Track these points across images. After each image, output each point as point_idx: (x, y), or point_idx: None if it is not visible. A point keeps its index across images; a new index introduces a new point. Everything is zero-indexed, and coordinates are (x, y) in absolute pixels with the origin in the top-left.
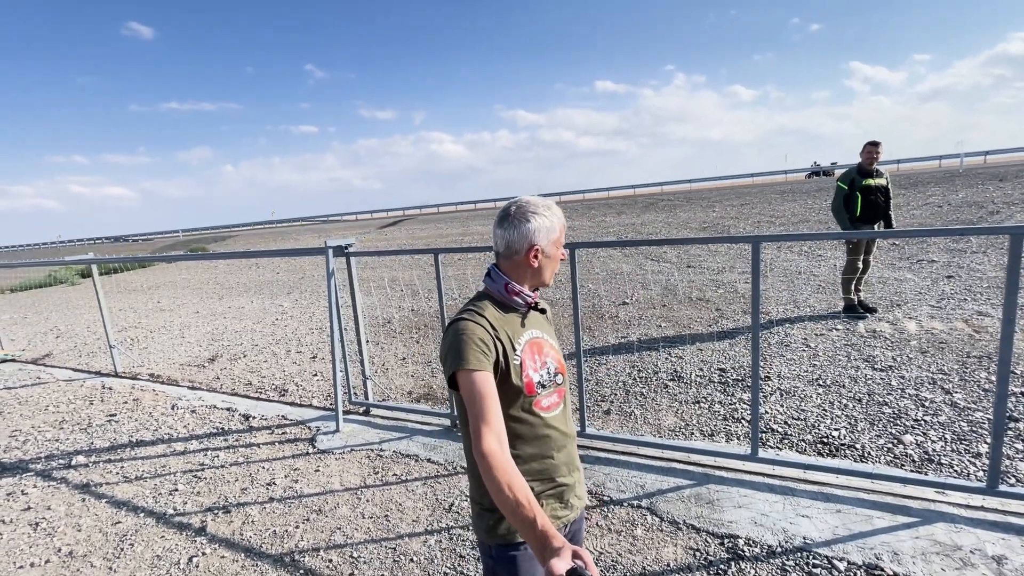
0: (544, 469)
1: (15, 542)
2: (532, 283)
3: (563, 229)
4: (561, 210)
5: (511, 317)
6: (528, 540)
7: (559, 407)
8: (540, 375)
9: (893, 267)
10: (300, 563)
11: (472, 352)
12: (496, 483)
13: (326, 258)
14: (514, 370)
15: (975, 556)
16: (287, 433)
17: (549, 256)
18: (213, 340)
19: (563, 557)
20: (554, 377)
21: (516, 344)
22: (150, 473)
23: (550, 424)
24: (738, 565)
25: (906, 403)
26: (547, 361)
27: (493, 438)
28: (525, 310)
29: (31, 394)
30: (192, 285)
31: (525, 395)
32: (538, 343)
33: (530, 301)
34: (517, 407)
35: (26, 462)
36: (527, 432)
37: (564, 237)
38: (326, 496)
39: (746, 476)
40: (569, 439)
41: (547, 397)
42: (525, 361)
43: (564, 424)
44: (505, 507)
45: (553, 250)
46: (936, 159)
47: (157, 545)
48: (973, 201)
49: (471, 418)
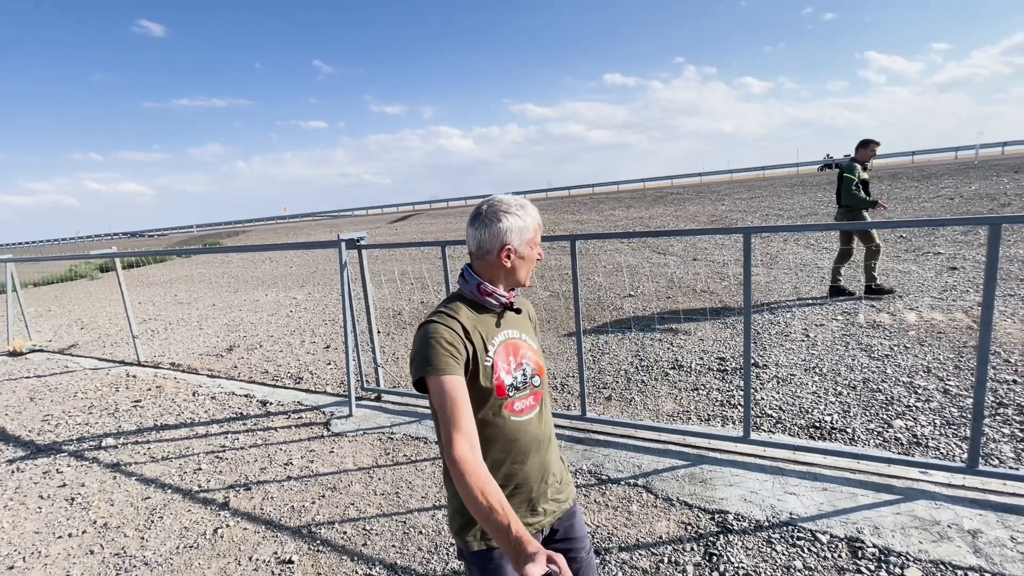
0: (512, 474)
1: (53, 515)
2: (507, 283)
3: (538, 229)
4: (537, 209)
5: (485, 318)
6: (502, 546)
7: (534, 410)
8: (513, 377)
9: (899, 259)
10: (317, 534)
11: (440, 356)
12: (468, 489)
13: (339, 251)
14: (484, 372)
15: (952, 530)
16: (303, 418)
17: (523, 256)
18: (230, 331)
19: (537, 562)
20: (530, 379)
21: (489, 345)
22: (175, 454)
23: (522, 428)
24: (726, 537)
25: (899, 390)
26: (523, 363)
27: (465, 443)
28: (500, 310)
29: (60, 382)
30: (208, 279)
31: (495, 397)
32: (514, 344)
33: (504, 301)
34: (487, 410)
35: (59, 444)
36: (496, 435)
37: (540, 236)
38: (340, 475)
39: (738, 457)
40: (544, 443)
41: (520, 400)
42: (497, 363)
43: (539, 427)
44: (478, 513)
45: (527, 250)
46: (952, 151)
47: (184, 518)
48: (986, 193)
49: (442, 423)
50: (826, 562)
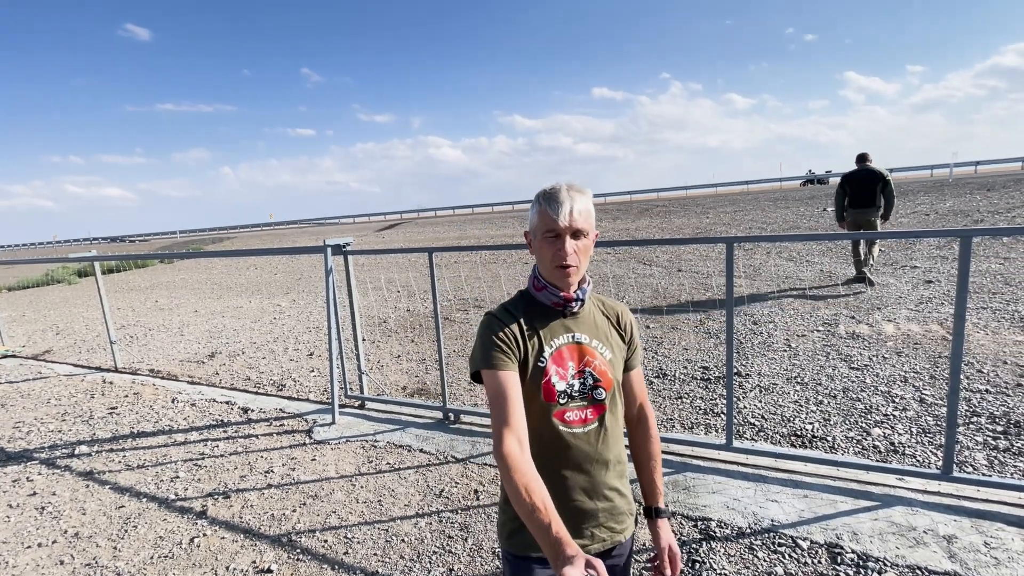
0: (551, 484)
1: (22, 524)
2: (550, 278)
3: (543, 215)
4: (575, 197)
5: (549, 315)
6: (542, 545)
7: (590, 424)
8: (568, 384)
9: (877, 272)
10: (297, 543)
11: (492, 351)
12: (514, 486)
13: (324, 256)
14: (536, 373)
15: (927, 535)
16: (285, 425)
17: (536, 248)
18: (212, 338)
19: (576, 565)
20: (591, 390)
21: (548, 346)
22: (152, 462)
23: (573, 442)
24: (709, 544)
25: (877, 399)
26: (586, 371)
27: (512, 440)
28: (560, 308)
29: (33, 388)
30: (190, 285)
31: (543, 402)
32: (579, 348)
33: (559, 299)
34: (536, 413)
35: (30, 451)
36: (544, 443)
37: (546, 225)
38: (322, 483)
39: (721, 465)
40: (601, 464)
41: (574, 410)
42: (551, 366)
43: (596, 445)
44: (522, 510)
45: (539, 241)
46: (928, 169)
47: (160, 527)
48: (960, 210)
49: (492, 419)
50: (807, 568)
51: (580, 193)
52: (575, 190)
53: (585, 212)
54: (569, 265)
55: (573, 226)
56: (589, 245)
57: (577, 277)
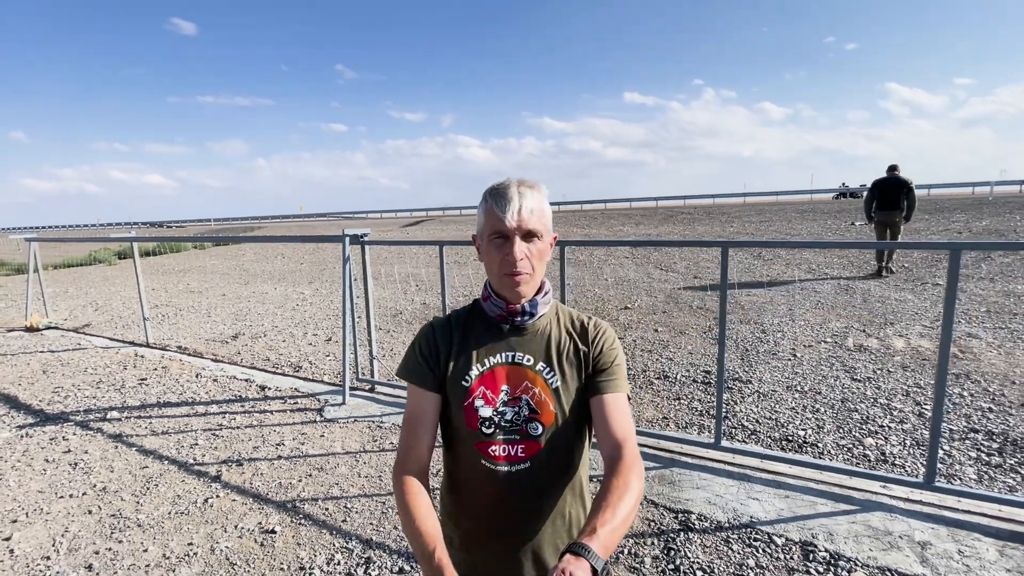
0: (462, 528)
1: (56, 477)
2: (497, 287)
3: (489, 215)
4: (522, 191)
5: (492, 330)
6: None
7: (521, 464)
8: (494, 411)
9: (897, 288)
10: (300, 509)
11: (410, 363)
12: (399, 508)
13: (343, 245)
14: (459, 393)
15: (902, 541)
16: (298, 403)
17: (484, 252)
18: (237, 320)
19: None
20: (524, 423)
21: (479, 364)
22: (174, 429)
23: (497, 479)
24: (687, 535)
25: (875, 411)
26: (521, 398)
27: (405, 464)
28: (505, 321)
29: (72, 357)
30: (220, 271)
31: (466, 429)
32: (517, 372)
33: (501, 312)
34: (461, 439)
35: (67, 414)
36: (465, 480)
37: (493, 226)
38: (328, 457)
39: (709, 463)
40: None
41: (501, 444)
42: (477, 388)
43: (525, 490)
44: (408, 537)
45: (485, 243)
46: (969, 186)
47: (178, 487)
48: (995, 229)
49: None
50: (778, 563)
51: (531, 189)
52: (526, 185)
53: (538, 211)
54: (519, 272)
55: (524, 227)
56: (544, 249)
57: (529, 286)
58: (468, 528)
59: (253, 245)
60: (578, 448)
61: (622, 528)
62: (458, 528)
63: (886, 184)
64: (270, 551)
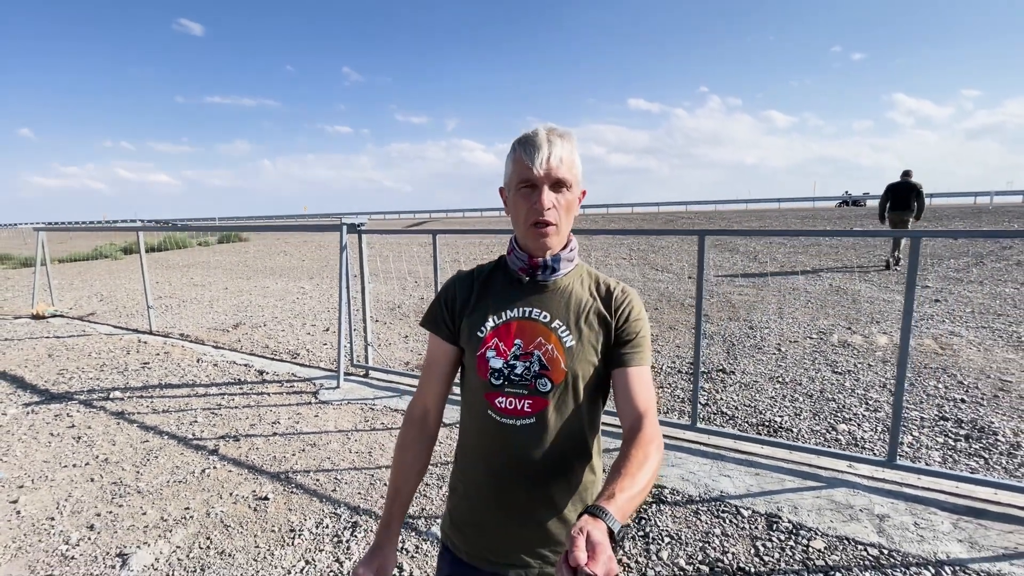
0: (467, 478)
1: (61, 449)
2: (522, 240)
3: (518, 164)
4: (544, 138)
5: (512, 284)
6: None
7: (527, 419)
8: (505, 363)
9: (887, 289)
10: (293, 479)
11: (431, 311)
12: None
13: (340, 233)
14: (474, 343)
15: (862, 514)
16: (294, 387)
17: (511, 204)
18: (238, 311)
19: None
20: (533, 378)
21: (494, 317)
22: (175, 408)
23: (503, 431)
24: (658, 507)
25: (852, 400)
26: (533, 353)
27: (412, 404)
28: (524, 277)
29: (77, 343)
30: (224, 266)
31: (476, 378)
32: (532, 327)
33: (523, 266)
34: (473, 388)
35: (71, 393)
36: (476, 421)
37: (520, 175)
38: (321, 435)
39: (685, 443)
40: (530, 470)
41: (509, 397)
42: (490, 339)
43: (530, 446)
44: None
45: (512, 194)
46: (972, 196)
47: (177, 459)
48: None
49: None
50: (743, 531)
51: (562, 138)
52: (556, 133)
53: (568, 161)
54: (547, 222)
55: (553, 175)
56: (573, 201)
57: (557, 239)
58: (472, 478)
59: (256, 243)
60: (588, 412)
61: (639, 497)
62: (464, 476)
63: (899, 187)
64: (263, 515)
